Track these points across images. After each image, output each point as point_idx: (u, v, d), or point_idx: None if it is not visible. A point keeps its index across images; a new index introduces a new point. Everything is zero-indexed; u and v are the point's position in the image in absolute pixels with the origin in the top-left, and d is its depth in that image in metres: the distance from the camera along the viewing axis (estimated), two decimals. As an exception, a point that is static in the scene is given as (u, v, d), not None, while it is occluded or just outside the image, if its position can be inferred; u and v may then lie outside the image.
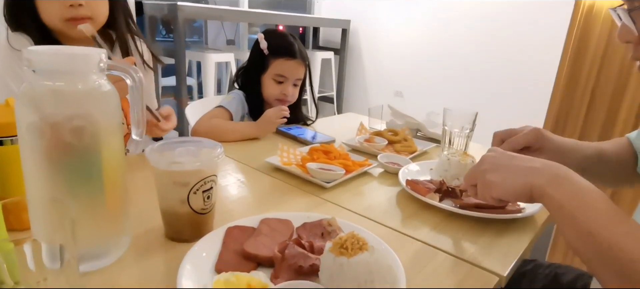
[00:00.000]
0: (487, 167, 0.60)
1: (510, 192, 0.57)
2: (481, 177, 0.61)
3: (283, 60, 1.28)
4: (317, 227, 0.64)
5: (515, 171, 0.57)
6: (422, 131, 1.31)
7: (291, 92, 1.31)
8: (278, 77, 1.29)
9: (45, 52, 0.47)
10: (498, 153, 0.62)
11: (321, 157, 0.95)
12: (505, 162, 0.59)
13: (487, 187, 0.59)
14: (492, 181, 0.58)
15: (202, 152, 0.63)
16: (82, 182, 0.50)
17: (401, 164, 0.97)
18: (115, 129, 0.52)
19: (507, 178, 0.57)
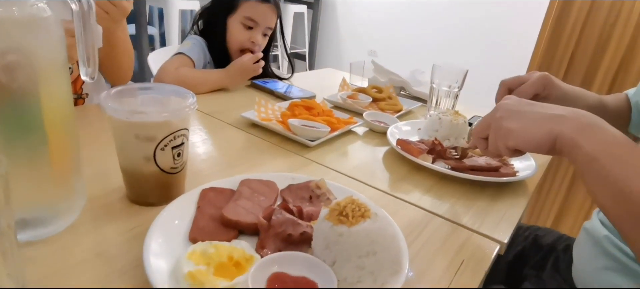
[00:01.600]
0: (504, 114, 0.54)
1: (531, 141, 0.51)
2: (496, 125, 0.54)
3: (255, 2, 1.14)
4: (304, 189, 0.57)
5: (538, 118, 0.51)
6: (406, 89, 1.25)
7: (260, 42, 1.17)
8: (247, 21, 1.15)
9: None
10: (515, 100, 0.55)
11: (303, 113, 0.87)
12: (524, 108, 0.53)
13: (504, 135, 0.53)
14: (510, 128, 0.52)
15: (170, 101, 0.53)
16: (18, 133, 0.40)
17: (388, 123, 0.91)
18: (59, 67, 0.41)
19: (528, 125, 0.51)
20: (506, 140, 0.53)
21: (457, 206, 0.62)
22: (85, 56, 0.41)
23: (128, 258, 0.43)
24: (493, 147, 0.56)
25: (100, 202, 0.52)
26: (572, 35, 1.58)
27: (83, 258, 0.42)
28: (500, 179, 0.68)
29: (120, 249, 0.44)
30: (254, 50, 1.15)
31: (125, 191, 0.54)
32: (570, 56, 1.60)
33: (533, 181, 0.74)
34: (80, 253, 0.43)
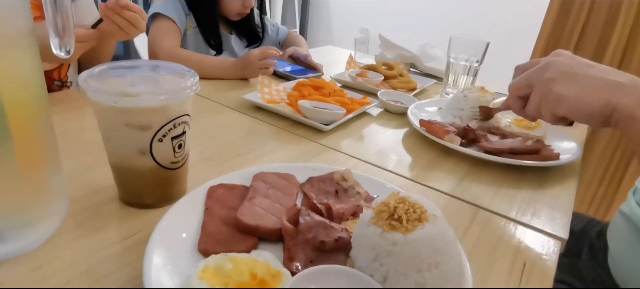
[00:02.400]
0: (555, 75, 0.46)
1: (585, 112, 0.44)
2: (544, 87, 0.47)
3: None
4: (328, 182, 0.49)
5: (594, 84, 0.44)
6: (417, 66, 1.16)
7: (252, 3, 1.12)
8: None
9: None
10: (567, 58, 0.47)
11: (312, 93, 0.78)
12: (579, 70, 0.45)
13: (553, 101, 0.46)
14: (563, 94, 0.45)
15: (166, 80, 0.44)
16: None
17: (405, 103, 0.82)
18: (21, 43, 0.31)
19: (582, 93, 0.44)
20: (555, 107, 0.46)
21: (500, 196, 0.55)
22: (55, 23, 0.31)
23: (123, 276, 0.35)
24: (534, 111, 0.48)
25: (85, 206, 0.43)
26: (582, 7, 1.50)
27: (65, 278, 0.34)
28: (545, 163, 0.60)
29: (112, 265, 0.35)
30: (245, 12, 1.10)
31: (117, 191, 0.45)
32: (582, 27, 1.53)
33: (576, 163, 0.67)
34: (61, 273, 0.34)
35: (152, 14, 1.01)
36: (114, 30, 0.68)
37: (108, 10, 0.67)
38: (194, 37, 1.09)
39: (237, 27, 1.17)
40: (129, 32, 0.69)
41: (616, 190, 1.56)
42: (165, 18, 0.99)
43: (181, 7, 1.05)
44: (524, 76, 0.49)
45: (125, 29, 0.68)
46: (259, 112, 0.75)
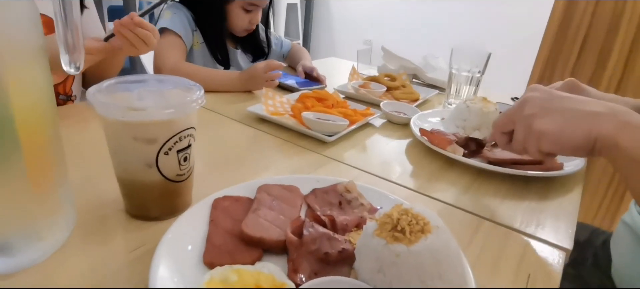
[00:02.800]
0: (535, 111, 0.47)
1: (568, 145, 0.45)
2: (525, 123, 0.48)
3: None
4: (332, 194, 0.49)
5: (573, 117, 0.45)
6: (420, 77, 1.17)
7: (258, 20, 1.14)
8: (249, 5, 1.09)
9: None
10: (543, 92, 0.48)
11: (316, 105, 0.78)
12: (557, 105, 0.46)
13: (536, 138, 0.47)
14: (544, 130, 0.46)
15: (173, 94, 0.45)
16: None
17: (408, 114, 0.83)
18: (33, 54, 0.32)
19: (564, 126, 0.45)
20: (539, 143, 0.47)
21: (504, 207, 0.55)
22: (65, 41, 0.32)
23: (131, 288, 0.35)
24: (519, 147, 0.49)
25: (92, 218, 0.44)
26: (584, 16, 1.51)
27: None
28: (549, 173, 0.60)
29: (119, 277, 0.36)
30: (252, 28, 1.12)
31: (123, 203, 0.45)
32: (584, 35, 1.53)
33: (580, 173, 0.67)
34: (69, 285, 0.35)
35: (159, 28, 1.02)
36: (125, 45, 0.70)
37: (121, 27, 0.68)
38: (202, 53, 1.11)
39: (242, 42, 1.19)
40: (139, 49, 0.71)
41: (621, 200, 1.55)
42: (171, 33, 1.01)
43: (188, 23, 1.07)
44: (506, 113, 0.51)
45: (136, 45, 0.70)
46: (263, 124, 0.76)
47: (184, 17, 1.06)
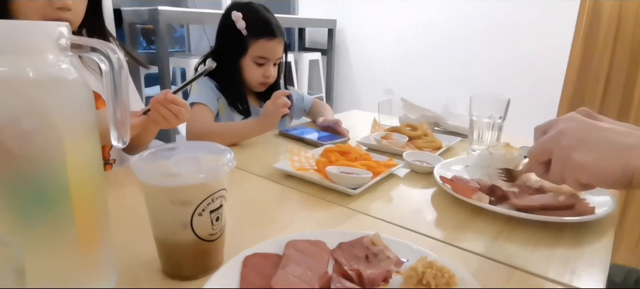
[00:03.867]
0: (572, 142, 0.47)
1: (606, 179, 0.45)
2: (562, 154, 0.47)
3: (264, 41, 1.16)
4: (358, 247, 0.50)
5: (610, 150, 0.45)
6: (441, 125, 1.18)
7: (272, 73, 1.21)
8: (259, 59, 1.17)
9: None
10: (580, 123, 0.48)
11: (339, 159, 0.81)
12: (594, 135, 0.46)
13: (574, 169, 0.46)
14: (582, 162, 0.45)
15: (206, 159, 0.48)
16: (40, 211, 0.35)
17: (431, 162, 0.84)
18: (88, 132, 0.37)
19: (601, 160, 0.45)
20: (578, 175, 0.46)
21: (536, 255, 0.53)
22: (116, 119, 0.37)
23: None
24: (558, 178, 0.49)
25: (132, 279, 0.46)
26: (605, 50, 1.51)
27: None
28: (582, 218, 0.59)
29: (156, 339, 0.37)
30: (267, 83, 1.19)
31: (159, 264, 0.48)
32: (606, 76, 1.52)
33: (613, 215, 0.65)
34: (111, 347, 0.36)
35: (189, 102, 1.13)
36: (159, 119, 0.78)
37: (157, 104, 0.77)
38: (227, 115, 1.20)
39: (265, 100, 1.26)
40: (172, 123, 0.80)
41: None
42: (200, 105, 1.12)
43: (212, 92, 1.17)
44: (542, 142, 0.51)
45: (169, 120, 0.79)
46: (290, 180, 0.79)
47: (208, 88, 1.17)
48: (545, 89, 2.54)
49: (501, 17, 2.84)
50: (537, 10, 2.65)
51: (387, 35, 3.50)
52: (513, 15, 2.78)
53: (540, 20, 2.65)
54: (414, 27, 3.31)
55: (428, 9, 3.19)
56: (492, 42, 2.92)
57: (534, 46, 2.72)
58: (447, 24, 3.12)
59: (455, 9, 3.05)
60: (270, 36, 1.16)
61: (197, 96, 1.13)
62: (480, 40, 2.98)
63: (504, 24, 2.83)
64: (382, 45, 3.56)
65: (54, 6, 0.75)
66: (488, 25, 2.91)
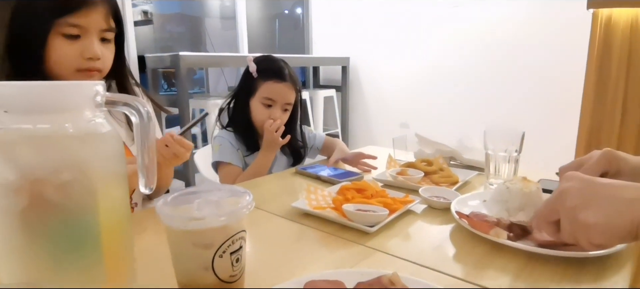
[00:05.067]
0: (577, 202, 0.49)
1: (615, 236, 0.46)
2: (570, 215, 0.49)
3: (272, 82, 1.23)
4: (377, 286, 0.50)
5: (614, 206, 0.46)
6: (457, 159, 1.18)
7: (280, 116, 1.24)
8: (266, 100, 1.23)
9: (22, 85, 0.35)
10: (580, 181, 0.50)
11: (356, 196, 0.82)
12: (599, 192, 0.48)
13: (584, 230, 0.48)
14: (590, 222, 0.47)
15: (226, 202, 0.50)
16: (73, 256, 0.37)
17: (448, 198, 0.84)
18: (118, 180, 0.40)
19: (608, 219, 0.46)
20: (588, 236, 0.48)
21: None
22: (144, 168, 0.39)
23: None
24: (571, 239, 0.51)
25: (155, 323, 0.47)
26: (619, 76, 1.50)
27: None
28: (606, 252, 0.58)
29: None
30: (275, 127, 1.22)
31: (181, 307, 0.49)
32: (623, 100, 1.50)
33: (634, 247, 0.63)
34: None
35: (213, 163, 1.24)
36: (159, 159, 0.83)
37: (160, 144, 0.82)
38: (252, 157, 1.26)
39: (283, 146, 1.29)
40: (171, 162, 0.85)
41: None
42: (225, 165, 1.20)
43: (232, 146, 1.23)
44: (547, 203, 0.53)
45: (169, 160, 0.84)
46: (307, 218, 0.80)
47: (227, 143, 1.23)
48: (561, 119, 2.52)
49: (513, 49, 2.87)
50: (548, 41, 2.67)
51: (399, 70, 3.56)
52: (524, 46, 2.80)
53: (551, 50, 2.66)
54: (426, 61, 3.36)
55: (440, 44, 3.25)
56: (505, 74, 2.93)
57: (547, 77, 2.72)
58: (459, 58, 3.16)
59: (467, 42, 3.09)
60: (278, 79, 1.23)
61: (219, 154, 1.21)
62: (492, 73, 2.99)
63: (516, 55, 2.85)
64: (395, 80, 3.62)
65: (85, 57, 0.80)
66: (500, 57, 2.94)
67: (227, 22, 3.88)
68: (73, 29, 0.77)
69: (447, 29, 3.19)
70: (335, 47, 4.00)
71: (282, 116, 1.25)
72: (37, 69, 0.78)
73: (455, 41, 3.15)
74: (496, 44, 2.94)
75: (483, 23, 2.99)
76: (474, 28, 3.04)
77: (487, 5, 2.94)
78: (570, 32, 2.51)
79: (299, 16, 4.30)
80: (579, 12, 1.83)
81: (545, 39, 2.70)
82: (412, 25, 3.39)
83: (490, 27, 2.95)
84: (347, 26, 3.87)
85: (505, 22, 2.88)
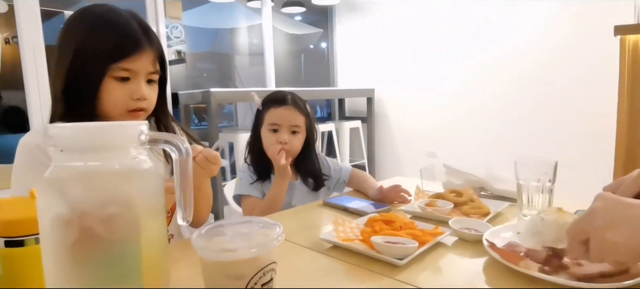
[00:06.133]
0: (604, 222, 0.49)
1: (638, 254, 0.47)
2: (598, 235, 0.49)
3: (274, 108, 1.27)
4: (408, 321, 0.49)
5: (638, 225, 0.46)
6: (487, 189, 1.16)
7: (288, 139, 1.26)
8: (271, 125, 1.26)
9: (76, 126, 0.39)
10: (608, 201, 0.51)
11: (384, 228, 0.81)
12: (623, 213, 0.48)
13: (608, 249, 0.48)
14: (615, 241, 0.47)
15: (257, 234, 0.52)
16: (117, 285, 0.40)
17: (480, 230, 0.82)
18: (158, 214, 0.42)
19: (632, 236, 0.46)
20: (613, 254, 0.49)
21: (602, 330, 0.50)
22: (183, 201, 0.42)
23: None
24: (597, 257, 0.51)
25: None
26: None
27: None
28: None
29: None
30: (285, 149, 1.24)
31: (214, 338, 0.50)
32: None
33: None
34: None
35: (234, 196, 1.29)
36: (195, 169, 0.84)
37: None
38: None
39: (302, 173, 1.31)
40: (207, 170, 0.86)
41: None
42: (245, 197, 1.24)
43: (250, 177, 1.28)
44: (578, 222, 0.53)
45: (201, 163, 0.84)
46: (335, 251, 0.80)
47: (247, 176, 1.28)
48: (596, 146, 2.42)
49: (541, 77, 2.82)
50: (578, 69, 2.61)
51: (425, 100, 3.55)
52: (552, 74, 2.75)
53: (581, 78, 2.60)
54: (452, 90, 3.34)
55: (466, 73, 3.23)
56: (533, 102, 2.87)
57: (578, 105, 2.64)
58: (485, 86, 3.13)
59: (494, 71, 3.07)
60: (279, 104, 1.27)
61: (238, 188, 1.28)
62: (520, 101, 2.94)
63: (544, 83, 2.80)
64: (421, 110, 3.61)
65: (133, 98, 0.87)
66: (528, 85, 2.89)
67: (255, 58, 4.04)
68: (124, 72, 0.85)
69: (472, 58, 3.18)
70: (359, 79, 4.05)
71: (291, 139, 1.26)
72: (89, 110, 0.85)
73: (481, 70, 3.14)
74: (523, 72, 2.91)
75: (510, 52, 2.97)
76: (500, 57, 3.02)
77: (514, 34, 2.93)
78: (599, 58, 2.45)
79: (323, 50, 4.42)
80: (607, 39, 1.79)
81: (574, 67, 2.65)
82: (436, 55, 3.40)
83: (518, 56, 2.93)
84: (371, 58, 3.93)
85: (532, 51, 2.85)
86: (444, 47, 3.34)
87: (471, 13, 3.14)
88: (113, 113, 0.87)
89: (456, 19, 3.23)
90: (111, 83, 0.84)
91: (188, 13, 3.50)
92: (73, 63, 0.82)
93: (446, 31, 3.31)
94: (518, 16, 2.89)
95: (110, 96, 0.85)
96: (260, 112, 1.30)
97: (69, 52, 0.83)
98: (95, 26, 0.84)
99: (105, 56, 0.82)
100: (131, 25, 0.85)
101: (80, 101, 0.84)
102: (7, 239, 0.47)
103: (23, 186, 0.82)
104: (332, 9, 4.17)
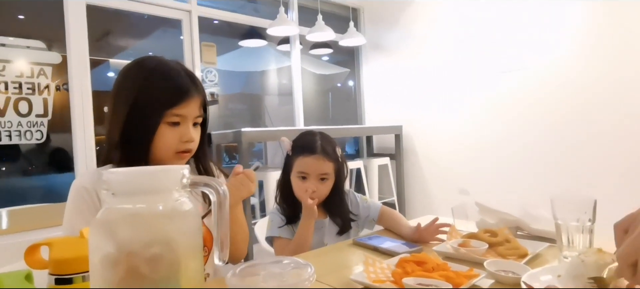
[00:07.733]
0: None
1: None
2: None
3: (303, 157, 1.28)
4: None
5: None
6: (523, 229, 1.11)
7: (317, 187, 1.26)
8: (300, 174, 1.28)
9: (128, 172, 0.42)
10: None
11: (416, 269, 0.80)
12: None
13: None
14: None
15: (290, 274, 0.53)
16: (156, 323, 0.41)
17: (518, 272, 0.79)
18: (196, 253, 0.44)
19: None
20: None
21: None
22: (220, 241, 0.44)
23: None
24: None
25: None
26: None
27: None
28: None
29: None
30: (313, 197, 1.24)
31: None
32: None
33: None
34: None
35: (266, 238, 1.33)
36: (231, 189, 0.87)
37: None
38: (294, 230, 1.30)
39: (330, 212, 1.31)
40: (240, 195, 0.92)
41: None
42: (276, 239, 1.27)
43: (281, 219, 1.30)
44: (629, 243, 0.49)
45: (238, 190, 0.91)
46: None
47: (277, 218, 1.31)
48: (636, 183, 2.29)
49: (575, 112, 2.74)
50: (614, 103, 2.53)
51: (454, 136, 3.50)
52: (588, 108, 2.67)
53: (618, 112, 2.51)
54: (481, 125, 3.29)
55: (496, 106, 3.18)
56: (568, 138, 2.77)
57: (615, 140, 2.53)
58: (517, 120, 3.07)
59: (525, 104, 3.01)
60: (308, 153, 1.27)
61: (270, 230, 1.31)
62: (553, 137, 2.85)
63: (579, 118, 2.71)
64: (451, 146, 3.56)
65: (183, 140, 0.94)
66: (561, 121, 2.81)
67: (284, 98, 4.15)
68: (176, 118, 0.93)
69: (501, 92, 3.14)
70: (387, 116, 4.07)
71: (319, 186, 1.27)
72: (143, 154, 0.92)
73: (511, 104, 3.08)
74: (557, 104, 2.83)
75: (541, 85, 2.91)
76: (531, 90, 2.97)
77: (546, 67, 2.89)
78: (635, 91, 2.36)
79: (350, 88, 4.50)
80: None
81: (613, 97, 2.56)
82: (464, 90, 3.39)
83: (549, 89, 2.87)
84: (398, 95, 3.96)
85: (566, 85, 2.79)
86: (470, 83, 3.33)
87: (500, 47, 3.13)
88: (164, 155, 0.94)
89: (483, 54, 3.23)
90: (164, 128, 0.92)
91: (222, 58, 3.69)
92: (131, 112, 0.90)
93: (473, 66, 3.31)
94: (551, 47, 2.85)
95: (163, 139, 0.92)
96: (289, 157, 1.32)
97: (127, 101, 0.91)
98: (150, 77, 0.92)
99: (160, 105, 0.91)
100: (181, 75, 0.94)
101: (136, 146, 0.91)
102: (57, 277, 0.50)
103: (74, 226, 0.88)
104: (359, 49, 4.28)
